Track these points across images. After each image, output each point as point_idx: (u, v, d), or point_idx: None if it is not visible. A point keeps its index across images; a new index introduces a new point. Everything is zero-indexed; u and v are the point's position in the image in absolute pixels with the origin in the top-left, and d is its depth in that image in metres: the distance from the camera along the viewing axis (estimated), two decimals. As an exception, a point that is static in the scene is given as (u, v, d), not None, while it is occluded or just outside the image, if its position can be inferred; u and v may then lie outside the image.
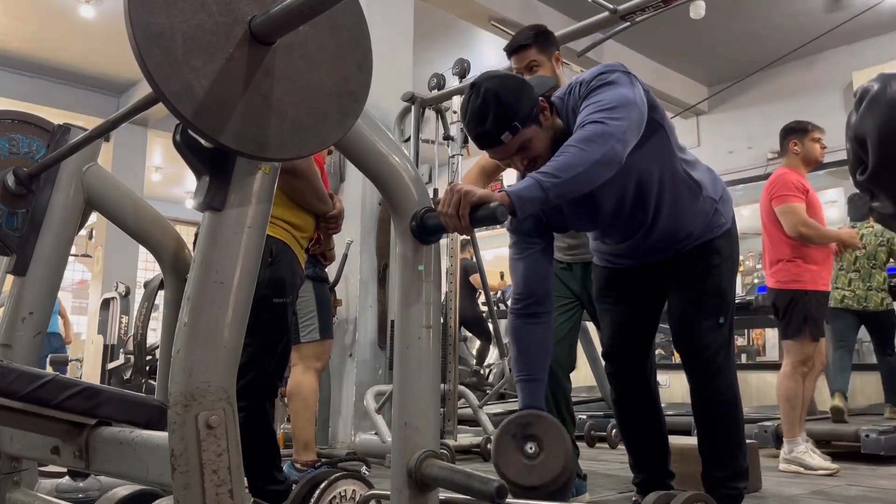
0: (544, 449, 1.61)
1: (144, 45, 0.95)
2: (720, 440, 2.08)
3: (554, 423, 1.71)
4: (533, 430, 1.64)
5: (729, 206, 2.14)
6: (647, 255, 2.09)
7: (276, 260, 2.20)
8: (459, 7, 5.93)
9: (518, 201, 1.53)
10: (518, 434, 1.65)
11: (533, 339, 1.93)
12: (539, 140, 1.83)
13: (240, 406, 1.14)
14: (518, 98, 1.78)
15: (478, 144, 1.87)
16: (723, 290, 2.07)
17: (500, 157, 1.87)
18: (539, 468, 1.59)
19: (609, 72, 1.83)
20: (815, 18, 6.41)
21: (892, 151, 1.24)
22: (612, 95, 1.76)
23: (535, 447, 1.62)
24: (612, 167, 1.68)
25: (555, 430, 1.67)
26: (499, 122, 1.77)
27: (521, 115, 1.77)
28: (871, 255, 4.79)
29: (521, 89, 1.80)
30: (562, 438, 1.65)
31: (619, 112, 1.72)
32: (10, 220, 1.74)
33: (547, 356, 1.95)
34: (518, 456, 1.62)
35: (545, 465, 1.59)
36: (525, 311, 1.94)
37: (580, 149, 1.64)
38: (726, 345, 2.07)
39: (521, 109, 1.78)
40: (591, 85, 1.82)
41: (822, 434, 4.35)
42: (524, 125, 1.79)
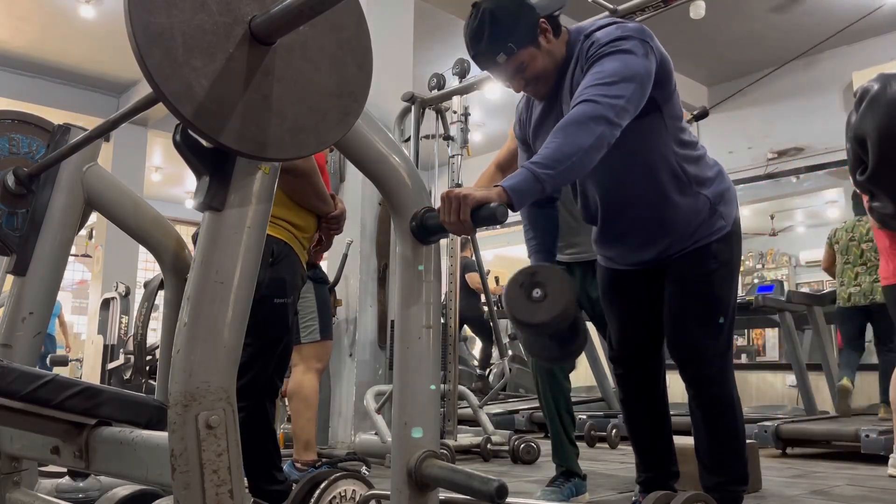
0: (548, 293, 1.76)
1: (144, 45, 0.95)
2: (719, 446, 2.05)
3: (557, 270, 1.87)
4: (538, 277, 1.79)
5: (732, 206, 2.06)
6: (636, 249, 2.06)
7: (277, 260, 2.20)
8: (459, 7, 5.91)
9: (515, 195, 1.53)
10: (525, 282, 1.79)
11: (543, 217, 2.08)
12: (537, 62, 1.85)
13: (240, 406, 1.14)
14: (514, 19, 1.80)
15: (476, 63, 1.91)
16: (717, 297, 2.01)
17: (497, 77, 1.91)
18: (544, 307, 1.75)
19: (625, 38, 1.79)
20: (815, 18, 6.41)
21: (892, 151, 1.25)
22: (615, 66, 1.74)
23: (541, 292, 1.76)
24: (602, 149, 1.68)
25: (558, 274, 1.83)
26: (494, 42, 1.79)
27: (516, 36, 1.80)
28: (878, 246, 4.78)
29: (519, 10, 1.81)
30: (564, 280, 1.81)
31: (616, 88, 1.70)
32: (10, 220, 1.74)
33: (555, 234, 2.13)
34: (525, 300, 1.77)
35: (550, 304, 1.75)
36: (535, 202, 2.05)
37: (572, 134, 1.64)
38: (722, 353, 2.01)
39: (517, 31, 1.80)
40: (602, 50, 1.80)
41: (822, 434, 4.35)
42: (520, 46, 1.81)
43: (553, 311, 1.75)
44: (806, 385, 5.04)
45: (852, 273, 4.84)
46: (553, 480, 2.71)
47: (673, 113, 1.93)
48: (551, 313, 1.75)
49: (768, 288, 5.31)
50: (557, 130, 1.66)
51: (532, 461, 3.86)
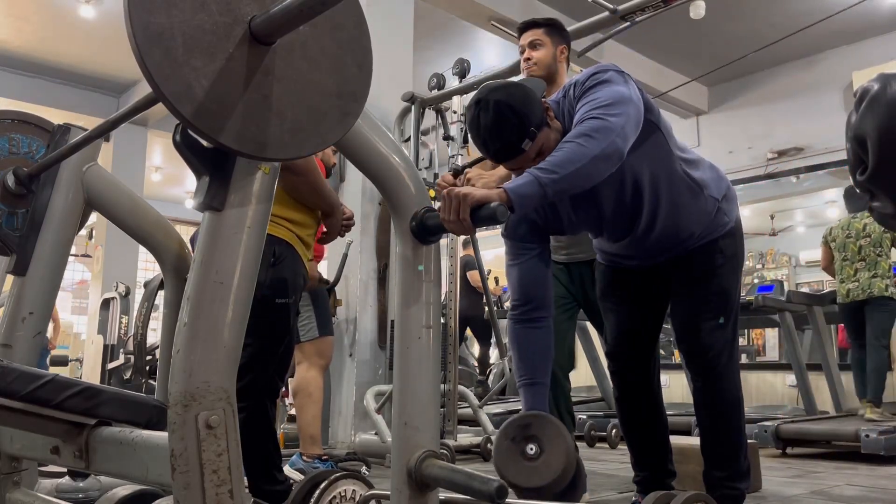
0: (545, 449, 1.59)
1: (144, 45, 0.95)
2: (722, 441, 2.08)
3: (553, 422, 1.69)
4: (532, 430, 1.63)
5: (733, 204, 2.12)
6: (650, 255, 2.08)
7: (278, 260, 2.20)
8: (459, 7, 5.93)
9: (516, 199, 1.53)
10: (518, 436, 1.63)
11: (534, 344, 1.92)
12: (552, 141, 1.82)
13: (241, 406, 1.14)
14: (529, 103, 1.77)
15: (496, 159, 1.84)
16: (726, 290, 2.06)
17: (518, 166, 1.82)
18: (540, 469, 1.57)
19: (602, 71, 1.83)
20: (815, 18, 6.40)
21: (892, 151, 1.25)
22: (607, 93, 1.76)
23: (536, 448, 1.60)
24: (612, 162, 1.67)
25: (554, 428, 1.65)
26: (518, 131, 1.74)
27: (535, 119, 1.76)
28: (876, 242, 4.78)
29: (528, 94, 1.79)
30: (562, 436, 1.63)
31: (616, 108, 1.71)
32: (10, 220, 1.74)
33: (548, 360, 1.94)
34: (518, 458, 1.60)
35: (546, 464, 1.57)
36: (524, 317, 1.93)
37: (578, 144, 1.64)
38: (730, 345, 2.05)
39: (534, 114, 1.77)
40: (585, 85, 1.81)
41: (822, 434, 4.35)
42: (539, 129, 1.77)
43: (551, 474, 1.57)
44: (806, 385, 5.04)
45: (851, 269, 4.85)
46: (553, 480, 2.70)
47: (667, 128, 1.97)
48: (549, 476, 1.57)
49: (768, 288, 5.31)
50: (564, 142, 1.67)
51: (532, 461, 3.86)
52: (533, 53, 2.67)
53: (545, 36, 2.67)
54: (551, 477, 1.56)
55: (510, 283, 1.98)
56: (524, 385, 1.88)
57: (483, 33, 6.42)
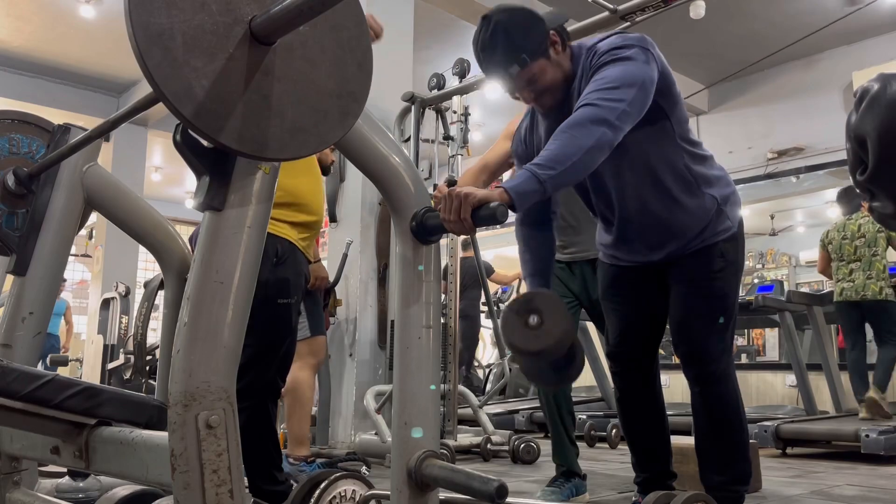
0: (545, 319, 1.73)
1: (145, 45, 0.95)
2: (722, 445, 2.06)
3: (553, 296, 1.85)
4: (534, 304, 1.76)
5: (736, 209, 2.09)
6: (647, 249, 2.07)
7: (281, 260, 2.20)
8: (459, 7, 5.93)
9: (516, 197, 1.53)
10: (521, 310, 1.76)
11: (539, 241, 2.07)
12: (547, 74, 1.85)
13: (242, 406, 1.14)
14: (527, 31, 1.79)
15: (486, 75, 1.91)
16: (725, 294, 2.04)
17: (507, 88, 1.90)
18: (541, 334, 1.72)
19: (626, 46, 1.81)
20: (815, 18, 6.40)
21: (892, 151, 1.24)
22: (617, 72, 1.75)
23: (537, 318, 1.74)
24: (604, 151, 1.68)
25: (554, 301, 1.80)
26: (506, 54, 1.79)
27: (528, 48, 1.79)
28: (871, 242, 4.79)
29: (531, 22, 1.81)
30: (560, 308, 1.78)
31: (618, 92, 1.71)
32: (10, 220, 1.74)
33: (551, 256, 2.10)
34: (522, 327, 1.75)
35: (547, 331, 1.72)
36: (530, 220, 2.05)
37: (573, 136, 1.64)
38: (727, 350, 2.04)
39: (530, 43, 1.80)
40: (603, 58, 1.81)
41: (822, 434, 4.35)
42: (532, 58, 1.80)
43: (550, 339, 1.73)
44: (806, 385, 5.04)
45: (846, 269, 4.87)
46: (553, 480, 2.71)
47: (681, 117, 1.96)
48: (548, 340, 1.73)
49: (768, 288, 5.31)
50: (558, 133, 1.67)
51: (532, 461, 3.86)
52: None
53: None
54: (550, 341, 1.72)
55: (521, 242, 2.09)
56: (530, 275, 2.05)
57: (483, 33, 6.41)
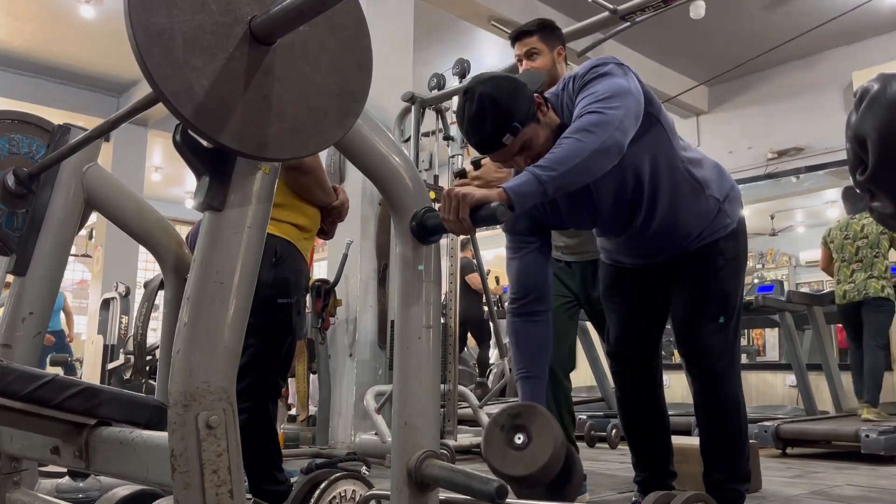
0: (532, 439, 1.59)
1: (144, 45, 0.95)
2: (723, 443, 2.06)
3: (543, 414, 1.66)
4: (522, 420, 1.62)
5: (736, 205, 2.10)
6: (650, 253, 2.07)
7: (280, 260, 2.19)
8: (459, 7, 5.93)
9: (516, 197, 1.53)
10: (507, 425, 1.63)
11: (533, 338, 1.93)
12: (539, 137, 1.81)
13: (243, 406, 1.14)
14: (514, 98, 1.75)
15: (478, 150, 1.85)
16: (726, 293, 2.04)
17: (501, 159, 1.84)
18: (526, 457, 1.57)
19: (602, 64, 1.81)
20: (814, 18, 6.40)
21: (892, 151, 1.24)
22: (606, 86, 1.75)
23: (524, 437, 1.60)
24: (612, 155, 1.67)
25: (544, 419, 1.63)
26: (498, 125, 1.74)
27: (519, 114, 1.75)
28: (873, 243, 4.79)
29: (516, 88, 1.77)
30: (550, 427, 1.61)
31: (615, 101, 1.70)
32: (10, 220, 1.74)
33: (547, 354, 1.94)
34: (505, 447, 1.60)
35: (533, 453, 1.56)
36: (523, 311, 1.93)
37: (577, 139, 1.63)
38: (730, 348, 2.04)
39: (519, 109, 1.76)
40: (584, 78, 1.81)
41: (822, 434, 4.35)
42: (524, 124, 1.76)
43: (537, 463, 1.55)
44: (806, 385, 5.04)
45: (847, 270, 4.86)
46: (553, 480, 2.70)
47: (669, 124, 1.96)
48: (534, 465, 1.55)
49: (768, 288, 5.31)
50: (563, 137, 1.66)
51: (532, 461, 3.85)
52: (532, 64, 2.62)
53: (540, 42, 2.58)
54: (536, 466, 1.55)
55: (510, 276, 1.99)
56: (521, 378, 1.89)
57: (483, 33, 6.42)
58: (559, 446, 1.57)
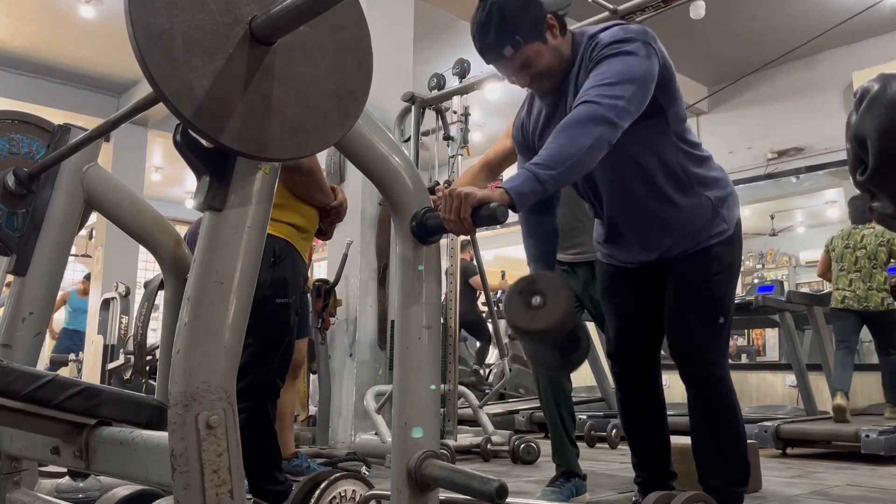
0: (548, 300, 1.74)
1: (145, 45, 0.95)
2: (719, 448, 2.04)
3: (556, 278, 1.85)
4: (537, 285, 1.78)
5: (733, 211, 2.08)
6: (638, 247, 2.06)
7: (278, 259, 2.20)
8: (459, 7, 5.92)
9: (517, 197, 1.53)
10: (525, 290, 1.77)
11: (542, 226, 2.05)
12: (543, 57, 1.84)
13: (242, 406, 1.14)
14: (522, 13, 1.79)
15: (482, 57, 1.89)
16: (721, 297, 2.03)
17: (503, 71, 1.89)
18: (544, 314, 1.73)
19: (627, 40, 1.79)
20: (815, 18, 6.40)
21: (892, 151, 1.24)
22: (617, 68, 1.74)
23: (540, 299, 1.75)
24: (604, 149, 1.68)
25: (557, 282, 1.81)
26: (501, 36, 1.78)
27: (523, 30, 1.79)
28: (871, 254, 4.81)
29: (527, 4, 1.80)
30: (563, 288, 1.79)
31: (617, 89, 1.70)
32: (10, 220, 1.74)
33: (555, 240, 2.09)
34: (524, 307, 1.76)
35: (549, 311, 1.73)
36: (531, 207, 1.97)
37: (572, 135, 1.64)
38: (722, 353, 2.04)
39: (524, 25, 1.79)
40: (604, 51, 1.80)
41: (822, 434, 4.35)
42: (527, 41, 1.80)
43: (552, 318, 1.73)
44: (806, 385, 5.04)
45: (846, 279, 4.90)
46: (553, 480, 2.71)
47: (678, 115, 1.94)
48: (550, 320, 1.73)
49: (768, 288, 5.31)
50: (558, 132, 1.66)
51: (532, 461, 3.86)
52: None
53: None
54: (553, 321, 1.73)
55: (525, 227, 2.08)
56: (533, 260, 2.04)
57: (483, 33, 6.41)
58: (571, 304, 1.77)
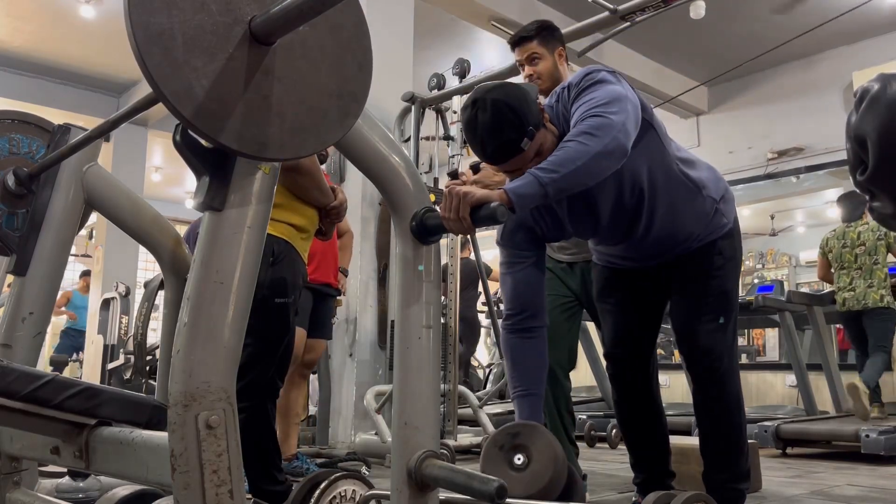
0: (532, 459, 1.56)
1: (144, 45, 0.95)
2: (723, 443, 2.07)
3: (543, 433, 1.65)
4: (521, 440, 1.60)
5: (731, 205, 2.11)
6: (648, 257, 2.08)
7: (277, 259, 2.20)
8: (459, 7, 5.93)
9: (517, 199, 1.53)
10: (506, 445, 1.60)
11: (528, 354, 1.91)
12: (548, 142, 1.81)
13: (241, 406, 1.14)
14: (527, 102, 1.75)
15: (493, 160, 1.80)
16: (726, 291, 2.04)
17: (517, 166, 1.79)
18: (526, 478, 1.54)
19: (595, 72, 1.82)
20: (815, 18, 6.40)
21: (892, 151, 1.24)
22: (603, 92, 1.75)
23: (524, 458, 1.57)
24: (615, 158, 1.66)
25: (544, 439, 1.62)
26: (518, 130, 1.73)
27: (533, 119, 1.75)
28: (871, 250, 4.81)
29: (526, 94, 1.78)
30: (551, 447, 1.59)
31: (614, 106, 1.70)
32: (10, 220, 1.74)
33: (543, 370, 1.92)
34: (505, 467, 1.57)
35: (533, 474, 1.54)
36: (519, 327, 1.91)
37: (579, 142, 1.63)
38: (730, 347, 2.04)
39: (533, 113, 1.75)
40: (580, 86, 1.81)
41: (822, 434, 4.35)
42: (537, 129, 1.76)
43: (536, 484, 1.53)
44: (806, 385, 5.04)
45: (847, 278, 4.88)
46: (553, 480, 2.70)
47: (661, 129, 1.96)
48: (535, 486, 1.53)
49: (768, 288, 5.31)
50: (566, 140, 1.66)
51: (532, 461, 3.86)
52: (534, 69, 2.62)
53: (540, 46, 2.56)
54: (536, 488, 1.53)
55: (505, 291, 1.96)
56: (518, 396, 1.86)
57: (483, 33, 6.42)
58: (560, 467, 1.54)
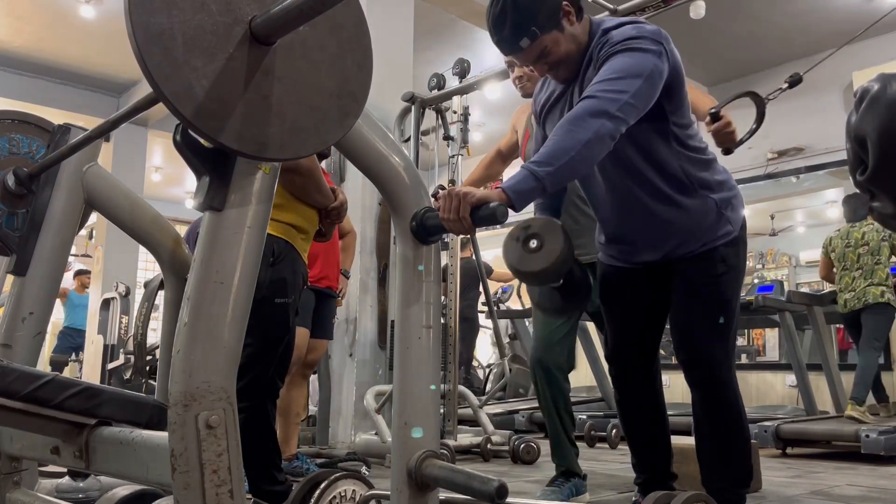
0: (545, 241, 1.81)
1: (145, 45, 0.95)
2: (724, 449, 2.03)
3: (550, 220, 1.90)
4: (533, 230, 1.84)
5: (739, 213, 2.07)
6: (641, 248, 2.06)
7: (277, 259, 2.19)
8: (459, 7, 5.92)
9: (515, 196, 1.53)
10: (521, 236, 1.84)
11: None
12: (560, 46, 1.83)
13: (241, 406, 1.14)
14: (537, 3, 1.78)
15: (500, 50, 1.89)
16: (727, 299, 2.02)
17: (521, 62, 1.93)
18: (542, 255, 1.81)
19: (638, 38, 1.78)
20: (814, 18, 6.41)
21: (893, 151, 1.24)
22: (623, 63, 1.73)
23: (537, 242, 1.82)
24: (606, 143, 1.66)
25: (552, 224, 1.86)
26: (517, 27, 1.77)
27: (539, 20, 1.77)
28: (874, 250, 4.81)
29: None
30: (558, 229, 1.84)
31: (621, 83, 1.69)
32: (10, 220, 1.74)
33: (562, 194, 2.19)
34: (522, 251, 1.84)
35: (546, 252, 1.81)
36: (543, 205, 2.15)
37: (570, 130, 1.63)
38: (727, 355, 2.02)
39: (540, 14, 1.78)
40: (613, 49, 1.79)
41: (822, 434, 4.35)
42: (543, 31, 1.79)
43: (549, 259, 1.80)
44: (806, 385, 5.04)
45: (849, 278, 4.88)
46: (553, 480, 2.71)
47: (682, 121, 1.94)
48: (548, 260, 1.80)
49: (768, 288, 5.31)
50: (557, 128, 1.66)
51: (532, 461, 3.86)
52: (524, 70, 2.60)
53: None
54: (551, 260, 1.80)
55: None
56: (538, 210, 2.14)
57: (483, 33, 6.39)
58: (568, 243, 1.82)
